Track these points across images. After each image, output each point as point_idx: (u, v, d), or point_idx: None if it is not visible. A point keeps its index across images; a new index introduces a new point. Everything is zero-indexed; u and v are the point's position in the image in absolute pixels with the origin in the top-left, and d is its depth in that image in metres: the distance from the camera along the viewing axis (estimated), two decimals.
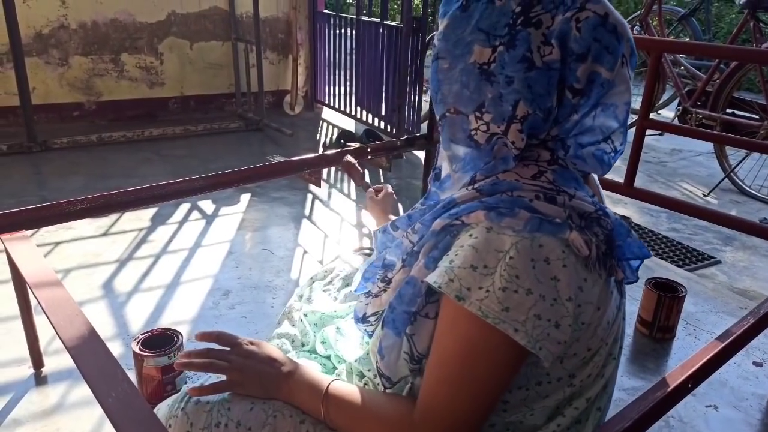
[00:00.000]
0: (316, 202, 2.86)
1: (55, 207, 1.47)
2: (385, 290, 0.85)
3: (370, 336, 0.90)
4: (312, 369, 0.89)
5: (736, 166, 3.42)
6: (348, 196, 3.00)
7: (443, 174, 0.87)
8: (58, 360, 1.59)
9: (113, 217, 2.53)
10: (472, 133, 0.76)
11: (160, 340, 1.44)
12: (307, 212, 2.74)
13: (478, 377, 0.70)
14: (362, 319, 0.89)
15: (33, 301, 1.39)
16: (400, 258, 0.83)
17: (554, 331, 0.69)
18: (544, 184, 0.73)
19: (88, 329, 1.01)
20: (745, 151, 3.35)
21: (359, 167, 1.49)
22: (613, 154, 0.82)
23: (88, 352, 0.96)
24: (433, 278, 0.72)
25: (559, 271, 0.69)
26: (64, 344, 0.99)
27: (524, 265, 0.68)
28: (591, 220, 0.73)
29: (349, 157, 1.53)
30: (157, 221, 2.53)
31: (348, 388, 0.83)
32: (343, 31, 4.10)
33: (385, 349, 0.80)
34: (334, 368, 1.03)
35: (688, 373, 1.05)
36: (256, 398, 0.84)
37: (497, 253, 0.69)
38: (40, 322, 1.49)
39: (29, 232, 1.43)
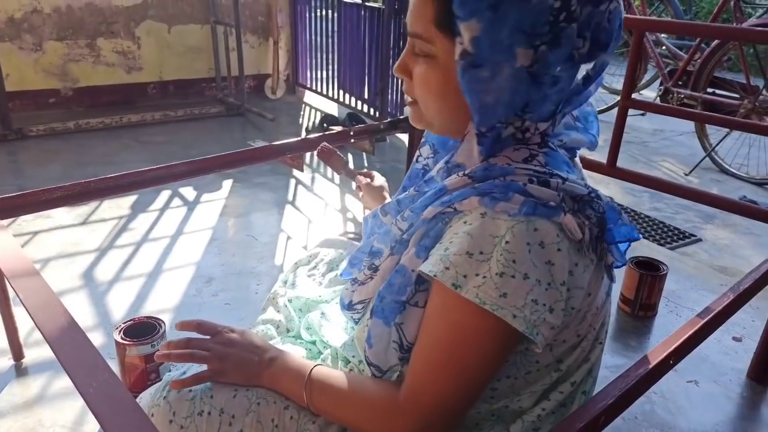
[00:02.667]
0: (300, 187, 2.83)
1: (31, 195, 1.44)
2: (371, 278, 0.83)
3: (356, 323, 0.89)
4: (296, 355, 0.88)
5: (716, 145, 3.45)
6: (332, 180, 2.98)
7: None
8: (38, 351, 1.57)
9: (92, 205, 2.48)
10: (505, 130, 0.73)
11: (142, 329, 1.43)
12: (290, 197, 2.72)
13: (467, 363, 0.70)
14: (348, 306, 0.88)
15: (11, 293, 1.37)
16: (389, 245, 0.82)
17: (549, 316, 0.68)
18: (537, 168, 0.71)
19: (67, 319, 0.99)
20: (726, 130, 3.38)
21: (340, 153, 1.38)
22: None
23: (68, 343, 0.94)
24: (428, 267, 0.70)
25: (553, 254, 0.68)
26: (43, 335, 0.97)
27: (521, 249, 0.66)
28: (584, 203, 0.73)
29: (326, 144, 1.39)
30: (138, 209, 2.50)
31: (331, 373, 0.82)
32: (324, 13, 4.04)
33: (374, 337, 0.78)
34: (320, 353, 1.02)
35: (670, 349, 1.06)
36: (240, 386, 0.83)
37: (493, 238, 0.67)
38: (19, 313, 1.47)
39: (5, 222, 1.40)
